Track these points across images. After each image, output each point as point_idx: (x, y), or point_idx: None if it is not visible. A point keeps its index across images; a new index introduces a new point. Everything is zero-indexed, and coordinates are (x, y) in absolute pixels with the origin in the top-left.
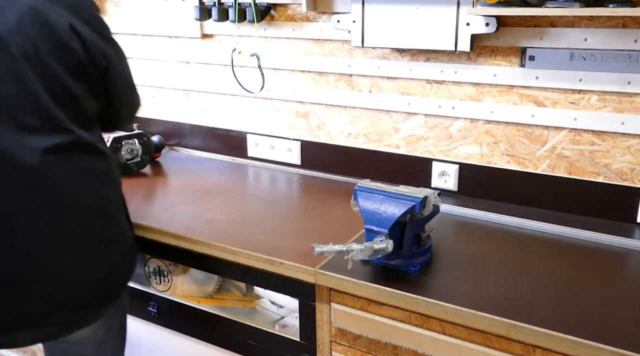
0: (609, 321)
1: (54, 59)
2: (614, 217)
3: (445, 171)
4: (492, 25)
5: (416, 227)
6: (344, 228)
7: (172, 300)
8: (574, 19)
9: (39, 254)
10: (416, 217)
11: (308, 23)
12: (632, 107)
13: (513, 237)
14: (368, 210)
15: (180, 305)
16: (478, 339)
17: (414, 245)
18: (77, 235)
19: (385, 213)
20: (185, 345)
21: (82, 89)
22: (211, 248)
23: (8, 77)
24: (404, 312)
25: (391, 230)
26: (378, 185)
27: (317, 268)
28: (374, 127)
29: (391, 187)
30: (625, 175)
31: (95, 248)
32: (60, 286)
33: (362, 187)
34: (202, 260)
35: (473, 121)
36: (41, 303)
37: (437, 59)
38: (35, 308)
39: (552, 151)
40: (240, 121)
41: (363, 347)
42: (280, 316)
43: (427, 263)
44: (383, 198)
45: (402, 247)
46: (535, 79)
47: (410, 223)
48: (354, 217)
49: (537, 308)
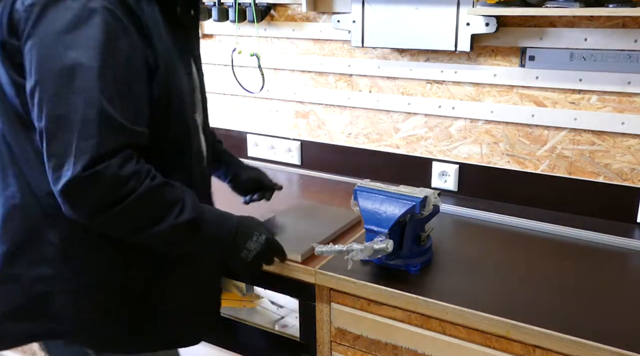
0: (609, 321)
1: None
2: (614, 217)
3: (445, 171)
4: (492, 25)
5: (416, 227)
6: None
7: None
8: (574, 19)
9: None
10: (416, 217)
11: (308, 23)
12: (632, 107)
13: (513, 237)
14: (368, 210)
15: None
16: (478, 339)
17: (414, 245)
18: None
19: (385, 213)
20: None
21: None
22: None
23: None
24: (404, 312)
25: (391, 230)
26: (378, 185)
27: (317, 268)
28: (374, 127)
29: (391, 187)
30: (625, 175)
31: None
32: None
33: (362, 187)
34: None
35: (473, 121)
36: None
37: (437, 59)
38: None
39: (552, 151)
40: (240, 121)
41: (363, 347)
42: (280, 316)
43: (427, 263)
44: (383, 199)
45: (402, 247)
46: (535, 79)
47: (410, 223)
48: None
49: (537, 308)
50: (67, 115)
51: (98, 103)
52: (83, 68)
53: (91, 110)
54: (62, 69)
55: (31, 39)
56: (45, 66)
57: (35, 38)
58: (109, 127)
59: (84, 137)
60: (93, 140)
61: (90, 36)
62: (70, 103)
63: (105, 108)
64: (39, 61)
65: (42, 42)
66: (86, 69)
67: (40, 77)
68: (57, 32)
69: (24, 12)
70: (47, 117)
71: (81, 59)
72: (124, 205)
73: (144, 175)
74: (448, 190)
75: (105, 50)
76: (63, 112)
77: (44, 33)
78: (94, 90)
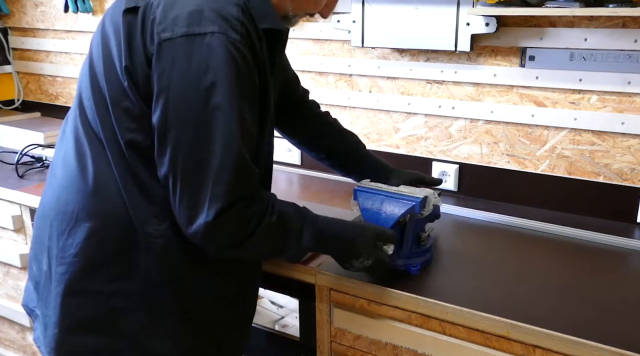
0: (609, 321)
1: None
2: (613, 217)
3: (445, 171)
4: (492, 25)
5: (416, 227)
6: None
7: None
8: (574, 19)
9: None
10: (416, 217)
11: (308, 23)
12: (632, 107)
13: (513, 237)
14: (368, 210)
15: None
16: (478, 339)
17: (414, 245)
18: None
19: (385, 214)
20: None
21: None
22: None
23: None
24: (404, 312)
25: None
26: (378, 185)
27: (317, 268)
28: (374, 127)
29: (391, 187)
30: (625, 175)
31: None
32: None
33: (362, 187)
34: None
35: (473, 121)
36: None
37: (437, 58)
38: None
39: (552, 151)
40: None
41: (363, 347)
42: (280, 316)
43: (427, 263)
44: (383, 198)
45: (402, 247)
46: (535, 79)
47: (410, 223)
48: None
49: (537, 308)
50: (206, 158)
51: (236, 148)
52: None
53: (229, 156)
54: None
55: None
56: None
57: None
58: (243, 172)
59: (219, 183)
60: (227, 187)
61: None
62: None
63: (242, 153)
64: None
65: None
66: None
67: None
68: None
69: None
70: (183, 158)
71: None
72: (251, 242)
73: (264, 213)
74: (448, 190)
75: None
76: (202, 156)
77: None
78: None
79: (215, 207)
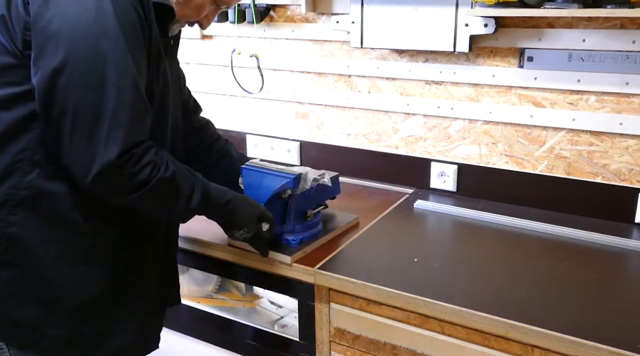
0: (607, 321)
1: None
2: (612, 217)
3: (444, 171)
4: (490, 26)
5: (299, 203)
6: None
7: None
8: (572, 20)
9: None
10: (294, 192)
11: (307, 24)
12: (630, 108)
13: (511, 237)
14: (250, 186)
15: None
16: (477, 339)
17: (297, 220)
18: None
19: (263, 189)
20: (185, 344)
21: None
22: (212, 248)
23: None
24: (403, 312)
25: (268, 204)
26: (263, 164)
27: (316, 268)
28: (373, 128)
29: (275, 166)
30: (623, 176)
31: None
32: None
33: (249, 165)
34: (201, 260)
35: (472, 121)
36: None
37: (436, 59)
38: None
39: (551, 151)
40: (239, 122)
41: (362, 347)
42: (280, 316)
43: (312, 238)
44: (263, 175)
45: (285, 221)
46: (533, 80)
47: (291, 199)
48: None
49: (535, 308)
50: (99, 102)
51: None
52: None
53: (125, 96)
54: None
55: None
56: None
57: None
58: (141, 107)
59: (115, 125)
60: (123, 129)
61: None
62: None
63: (139, 87)
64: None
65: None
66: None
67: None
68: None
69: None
70: (75, 102)
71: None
72: (144, 191)
73: (160, 165)
74: (447, 191)
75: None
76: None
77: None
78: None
79: (115, 147)
